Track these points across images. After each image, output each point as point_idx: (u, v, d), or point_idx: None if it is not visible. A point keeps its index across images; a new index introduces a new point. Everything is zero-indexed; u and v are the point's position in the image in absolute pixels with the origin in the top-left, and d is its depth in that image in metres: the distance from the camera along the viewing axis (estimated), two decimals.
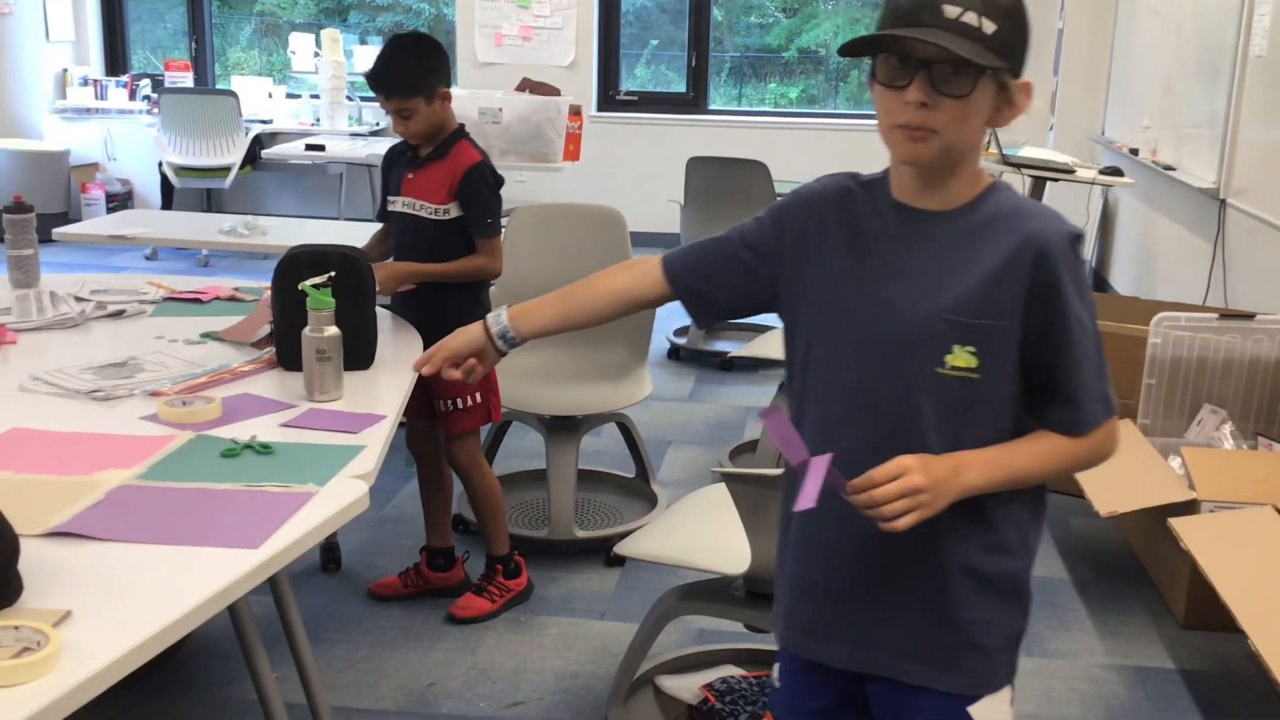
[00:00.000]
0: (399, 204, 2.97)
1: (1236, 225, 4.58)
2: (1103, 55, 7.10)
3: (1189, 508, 3.02)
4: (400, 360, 2.52)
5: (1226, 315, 3.68)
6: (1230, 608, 2.51)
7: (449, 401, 3.01)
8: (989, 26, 1.32)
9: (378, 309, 2.56)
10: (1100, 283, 6.98)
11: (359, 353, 2.41)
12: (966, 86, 1.33)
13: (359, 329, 2.40)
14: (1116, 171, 5.50)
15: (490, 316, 1.71)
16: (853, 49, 1.38)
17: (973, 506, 1.41)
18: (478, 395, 3.02)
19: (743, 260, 1.55)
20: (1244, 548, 2.78)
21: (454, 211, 2.92)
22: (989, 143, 5.45)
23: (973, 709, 1.48)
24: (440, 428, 3.09)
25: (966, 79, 1.33)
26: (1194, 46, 5.29)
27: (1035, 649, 3.01)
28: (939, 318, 1.39)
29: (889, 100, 1.36)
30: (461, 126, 3.01)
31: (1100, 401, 1.43)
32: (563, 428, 3.52)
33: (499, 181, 2.99)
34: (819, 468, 1.32)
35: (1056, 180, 5.33)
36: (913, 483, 1.32)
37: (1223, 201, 4.67)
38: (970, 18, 1.31)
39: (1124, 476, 3.29)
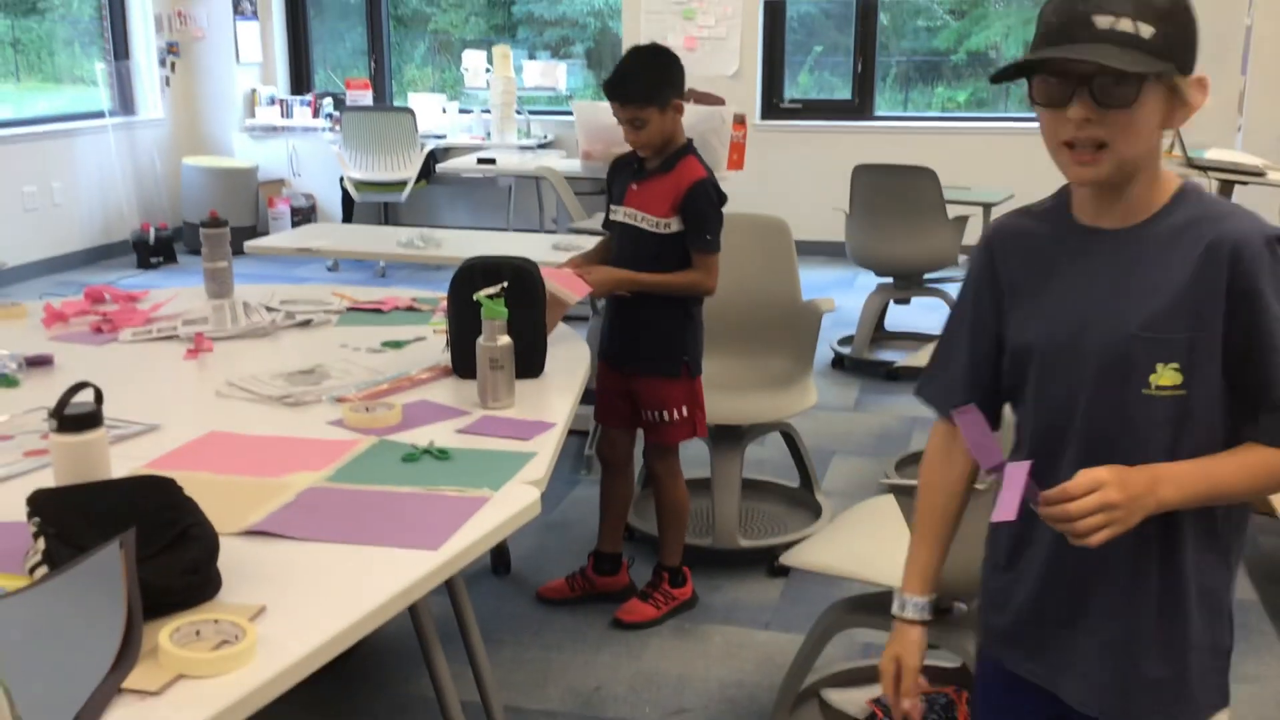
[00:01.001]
0: (621, 214, 3.01)
1: None
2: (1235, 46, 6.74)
3: None
4: (569, 370, 2.57)
5: None
6: None
7: (656, 413, 3.04)
8: (1146, 30, 1.27)
9: (560, 323, 2.61)
10: None
11: (530, 362, 2.47)
12: (1130, 96, 1.28)
13: (530, 339, 2.46)
14: None
15: (895, 608, 1.62)
16: (1007, 74, 1.35)
17: (1207, 521, 1.41)
18: (684, 409, 3.05)
19: (984, 322, 1.52)
20: None
21: (675, 225, 2.93)
22: (1171, 145, 5.24)
23: None
24: (645, 437, 3.13)
25: (1129, 89, 1.28)
26: None
27: None
28: (1137, 338, 1.35)
29: (1052, 119, 1.33)
30: (690, 141, 3.03)
31: None
32: (727, 437, 3.53)
33: (722, 199, 2.98)
34: (1016, 476, 1.28)
35: (1246, 183, 5.08)
36: (1108, 498, 1.28)
37: None
38: (1126, 25, 1.27)
39: None
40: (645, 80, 2.91)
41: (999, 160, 6.87)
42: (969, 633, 2.36)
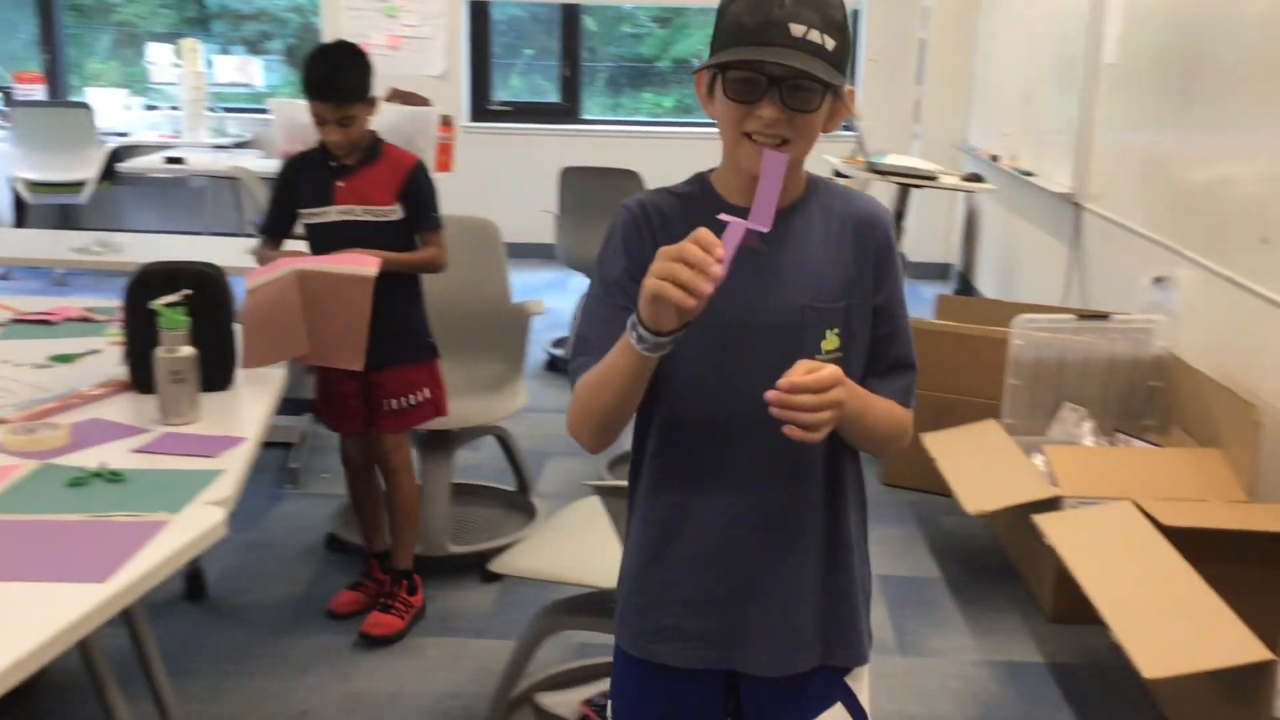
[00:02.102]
0: (333, 213, 2.91)
1: (1092, 228, 4.74)
2: (965, 65, 7.29)
3: (1052, 504, 3.11)
4: (261, 380, 2.44)
5: (1084, 316, 3.80)
6: (1093, 600, 2.58)
7: (401, 399, 3.02)
8: (830, 43, 1.36)
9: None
10: (966, 286, 7.16)
11: (217, 373, 2.34)
12: (815, 102, 1.37)
13: (216, 348, 2.33)
14: (978, 178, 5.65)
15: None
16: (713, 68, 1.40)
17: (854, 469, 1.51)
18: (428, 390, 3.06)
19: (632, 295, 1.41)
20: (1105, 541, 2.87)
21: (399, 212, 2.93)
22: (854, 151, 5.56)
23: (850, 679, 1.57)
24: (382, 429, 3.06)
25: (815, 95, 1.37)
26: (1050, 56, 5.47)
27: (909, 648, 3.05)
28: (810, 309, 1.43)
29: (740, 113, 1.39)
30: (374, 132, 2.99)
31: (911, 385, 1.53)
32: (437, 443, 3.46)
33: None
34: (735, 232, 1.26)
35: (921, 187, 5.45)
36: (839, 396, 1.31)
37: (1078, 205, 4.84)
38: (815, 36, 1.35)
39: (991, 475, 3.37)
40: (354, 78, 2.85)
41: (704, 164, 7.07)
42: None
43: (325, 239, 2.92)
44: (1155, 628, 2.48)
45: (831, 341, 1.44)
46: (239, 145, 7.49)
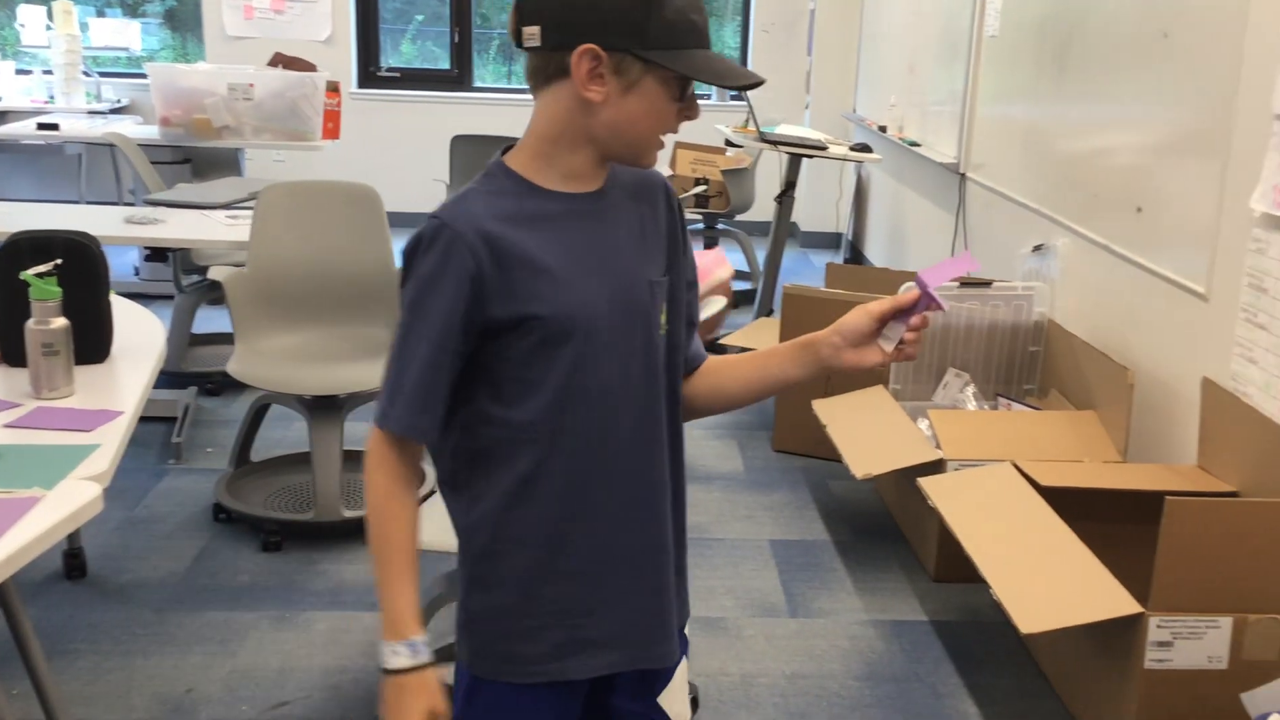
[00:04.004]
0: None
1: (975, 198, 4.85)
2: (852, 36, 7.38)
3: (937, 467, 3.18)
4: (140, 351, 2.37)
5: (966, 283, 3.89)
6: (974, 559, 2.65)
7: None
8: None
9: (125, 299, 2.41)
10: (856, 255, 7.28)
11: (92, 345, 2.27)
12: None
13: (91, 319, 2.26)
14: (866, 148, 5.73)
15: (403, 659, 1.38)
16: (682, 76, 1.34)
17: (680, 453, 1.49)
18: None
19: (458, 350, 1.34)
20: (986, 502, 2.95)
21: None
22: (747, 120, 5.59)
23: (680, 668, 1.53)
24: None
25: None
26: (935, 28, 5.56)
27: (799, 610, 3.11)
28: (655, 284, 1.42)
29: (668, 113, 1.33)
30: None
31: None
32: (325, 408, 3.42)
33: None
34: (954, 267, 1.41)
35: (811, 157, 5.51)
36: None
37: (963, 175, 4.94)
38: None
39: (877, 439, 3.44)
40: None
41: None
42: None
43: None
44: (1032, 584, 2.56)
45: (663, 317, 1.42)
46: (116, 111, 7.24)
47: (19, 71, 7.62)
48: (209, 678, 2.71)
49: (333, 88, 5.62)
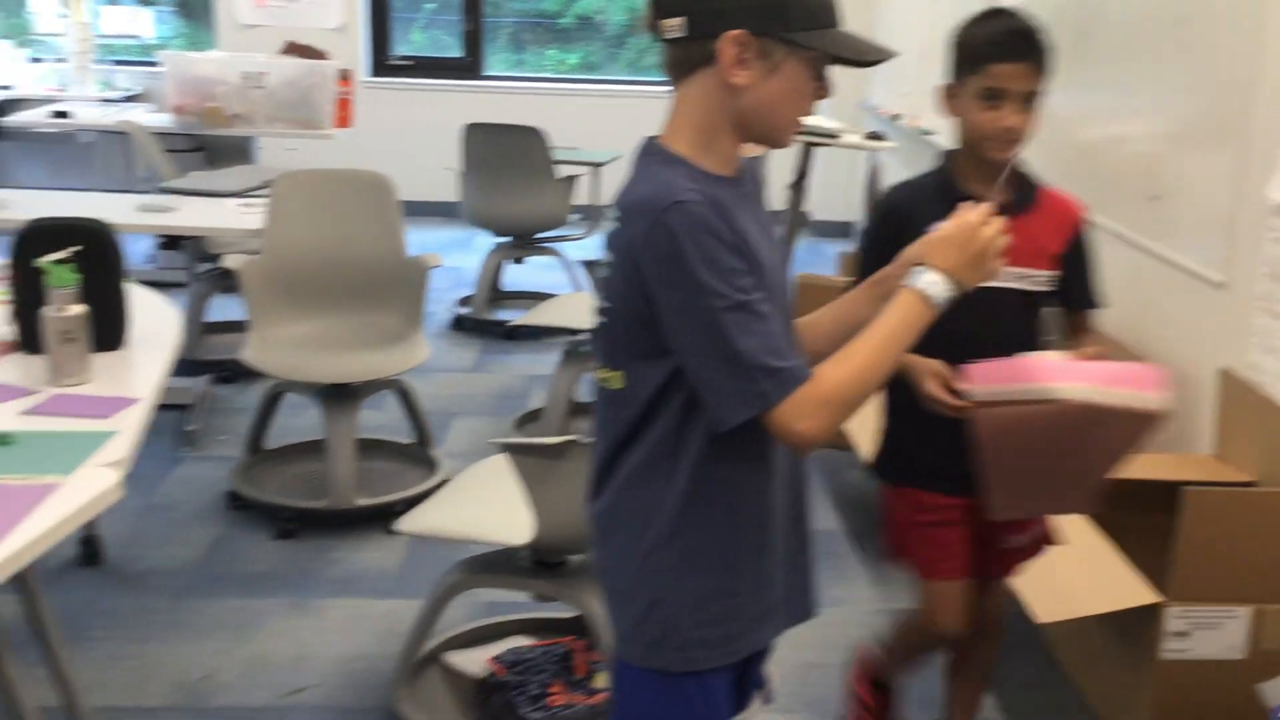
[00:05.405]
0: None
1: None
2: (867, 26, 7.35)
3: None
4: (156, 339, 2.38)
5: None
6: None
7: (1023, 534, 2.24)
8: None
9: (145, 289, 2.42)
10: None
11: (108, 332, 2.28)
12: None
13: (107, 306, 2.27)
14: (880, 136, 5.71)
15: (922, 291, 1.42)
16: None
17: None
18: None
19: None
20: None
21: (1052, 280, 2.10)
22: None
23: None
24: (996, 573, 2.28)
25: None
26: (949, 16, 5.52)
27: None
28: (784, 260, 1.53)
29: (808, 93, 1.39)
30: None
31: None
32: (339, 396, 3.44)
33: None
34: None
35: (824, 145, 5.49)
36: None
37: None
38: None
39: None
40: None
41: (606, 121, 7.04)
42: (584, 584, 2.41)
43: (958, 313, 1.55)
44: (1049, 573, 2.55)
45: None
46: (129, 99, 7.25)
47: (32, 60, 7.64)
48: (225, 664, 2.72)
49: (344, 76, 5.62)
